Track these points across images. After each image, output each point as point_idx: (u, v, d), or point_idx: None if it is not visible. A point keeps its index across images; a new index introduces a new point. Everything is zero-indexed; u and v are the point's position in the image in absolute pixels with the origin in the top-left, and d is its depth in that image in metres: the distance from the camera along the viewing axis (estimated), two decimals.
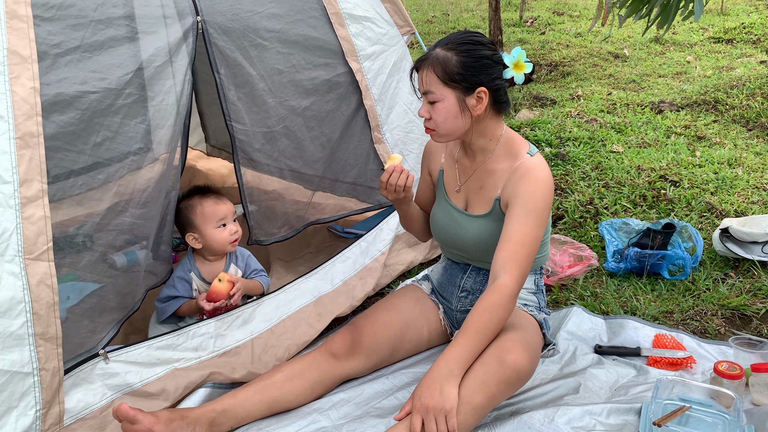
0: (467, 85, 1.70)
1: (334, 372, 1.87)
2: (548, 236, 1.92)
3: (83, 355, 1.67)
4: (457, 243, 1.90)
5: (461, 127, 1.75)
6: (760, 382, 1.76)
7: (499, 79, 1.73)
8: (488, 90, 1.72)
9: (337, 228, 2.76)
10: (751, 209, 2.91)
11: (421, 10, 8.71)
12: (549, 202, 1.74)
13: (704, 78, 4.98)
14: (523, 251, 1.68)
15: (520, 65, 1.74)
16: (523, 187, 1.71)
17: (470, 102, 1.72)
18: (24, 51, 1.52)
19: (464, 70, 1.69)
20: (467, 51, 1.70)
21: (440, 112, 1.72)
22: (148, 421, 1.60)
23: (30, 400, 1.50)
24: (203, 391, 1.85)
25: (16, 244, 1.47)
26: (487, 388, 1.58)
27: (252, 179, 2.18)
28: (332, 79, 2.27)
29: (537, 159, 1.77)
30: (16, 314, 1.47)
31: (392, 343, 1.94)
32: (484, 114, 1.76)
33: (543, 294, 1.98)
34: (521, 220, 1.69)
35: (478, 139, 1.81)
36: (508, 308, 1.65)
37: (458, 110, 1.72)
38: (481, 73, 1.70)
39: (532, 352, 1.71)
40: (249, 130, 2.07)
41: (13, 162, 1.47)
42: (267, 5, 2.09)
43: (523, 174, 1.74)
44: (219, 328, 1.96)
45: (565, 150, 3.65)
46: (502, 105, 1.79)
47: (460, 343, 1.61)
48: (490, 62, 1.72)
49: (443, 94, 1.71)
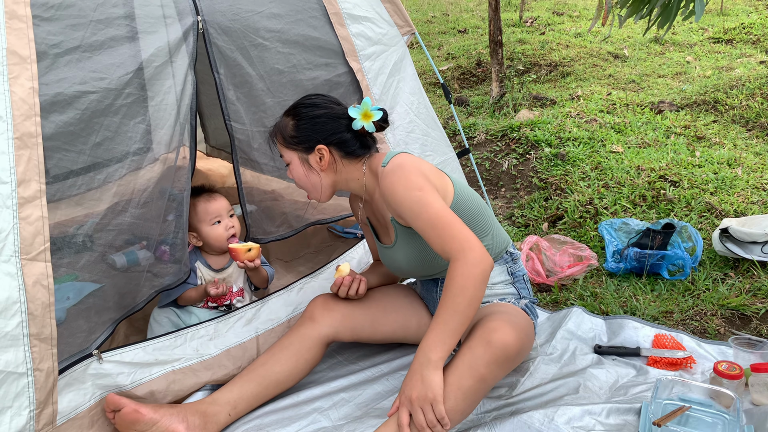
0: (306, 145, 1.79)
1: (313, 333, 1.89)
2: (489, 217, 1.87)
3: (77, 356, 1.67)
4: (403, 272, 1.94)
5: (318, 183, 1.83)
6: (759, 382, 1.76)
7: (339, 133, 1.79)
8: (328, 146, 1.78)
9: (337, 228, 2.76)
10: (750, 209, 2.91)
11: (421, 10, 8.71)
12: (417, 182, 1.67)
13: (704, 78, 4.98)
14: (443, 229, 1.62)
15: (368, 114, 1.79)
16: (391, 198, 1.70)
17: (313, 160, 1.80)
18: (23, 51, 1.52)
19: (298, 133, 1.79)
20: (300, 114, 1.79)
21: (293, 173, 1.84)
22: (134, 403, 1.66)
23: (24, 401, 1.50)
24: (201, 393, 1.85)
25: (13, 245, 1.47)
26: (475, 370, 1.57)
27: (251, 179, 2.18)
28: (333, 79, 2.27)
29: (389, 165, 1.75)
30: (12, 314, 1.47)
31: (372, 313, 1.96)
32: (336, 165, 1.82)
33: (523, 282, 1.93)
34: (415, 217, 1.66)
35: (348, 185, 1.87)
36: (471, 276, 1.56)
37: (304, 170, 1.82)
38: (315, 132, 1.78)
39: (520, 331, 1.68)
40: (248, 130, 2.07)
41: (11, 162, 1.47)
42: (267, 5, 2.09)
43: (383, 188, 1.73)
44: (219, 330, 1.95)
45: (564, 150, 3.65)
46: (355, 152, 1.82)
47: (432, 328, 1.57)
48: (325, 120, 1.78)
49: (289, 157, 1.83)
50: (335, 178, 1.84)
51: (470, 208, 1.81)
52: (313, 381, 1.99)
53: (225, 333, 1.96)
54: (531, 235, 2.80)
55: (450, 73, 6.01)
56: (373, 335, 1.99)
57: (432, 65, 3.24)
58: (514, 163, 3.69)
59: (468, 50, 6.50)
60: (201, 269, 2.07)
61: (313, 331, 1.89)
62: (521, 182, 3.53)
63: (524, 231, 3.09)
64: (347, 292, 1.92)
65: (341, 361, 2.11)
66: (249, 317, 2.02)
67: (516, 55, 6.05)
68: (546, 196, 3.31)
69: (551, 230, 3.05)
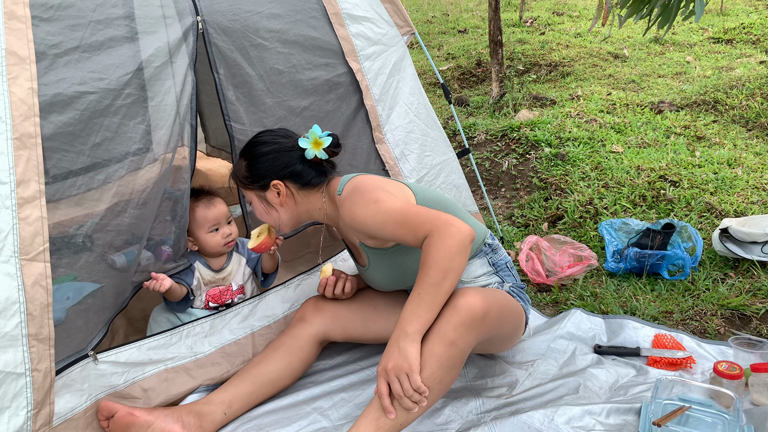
0: (260, 183, 1.80)
1: (304, 333, 1.92)
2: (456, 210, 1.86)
3: (74, 356, 1.67)
4: (387, 288, 1.96)
5: (283, 218, 1.85)
6: (759, 382, 1.76)
7: (293, 166, 1.79)
8: (282, 180, 1.79)
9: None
10: (750, 209, 2.91)
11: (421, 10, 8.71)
12: (369, 196, 1.68)
13: (704, 78, 4.98)
14: (410, 219, 1.61)
15: (317, 142, 1.79)
16: (353, 224, 1.71)
17: (270, 196, 1.82)
18: (22, 51, 1.52)
19: (250, 173, 1.81)
20: (248, 154, 1.82)
21: (256, 211, 1.87)
22: (128, 407, 1.66)
23: (22, 401, 1.50)
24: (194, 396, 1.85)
25: (12, 245, 1.47)
26: (445, 335, 1.55)
27: None
28: (332, 79, 2.27)
29: (344, 192, 1.76)
30: (11, 315, 1.47)
31: (362, 312, 1.98)
32: (294, 198, 1.83)
33: (507, 269, 1.92)
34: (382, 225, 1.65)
35: (311, 215, 1.88)
36: (441, 248, 1.55)
37: (264, 206, 1.84)
38: (266, 169, 1.79)
39: (488, 296, 1.66)
40: (248, 130, 2.07)
41: (10, 163, 1.47)
42: (267, 5, 2.09)
43: (343, 217, 1.74)
44: (215, 327, 1.96)
45: (564, 150, 3.65)
46: (311, 182, 1.82)
47: (408, 303, 1.57)
48: (274, 155, 1.79)
49: (249, 197, 1.86)
50: (297, 210, 1.85)
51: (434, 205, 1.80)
52: (312, 381, 1.99)
53: (220, 330, 1.96)
54: (531, 235, 2.80)
55: (450, 73, 6.01)
56: (365, 334, 2.00)
57: (432, 65, 3.24)
58: (514, 163, 3.69)
59: (468, 50, 6.50)
60: (200, 269, 2.07)
61: (305, 331, 1.92)
62: (521, 182, 3.53)
63: (524, 231, 3.09)
64: (333, 291, 1.95)
65: (341, 361, 2.11)
66: (245, 314, 2.03)
67: (516, 55, 6.05)
68: (546, 196, 3.31)
69: (551, 230, 3.05)
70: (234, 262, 2.13)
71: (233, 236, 2.08)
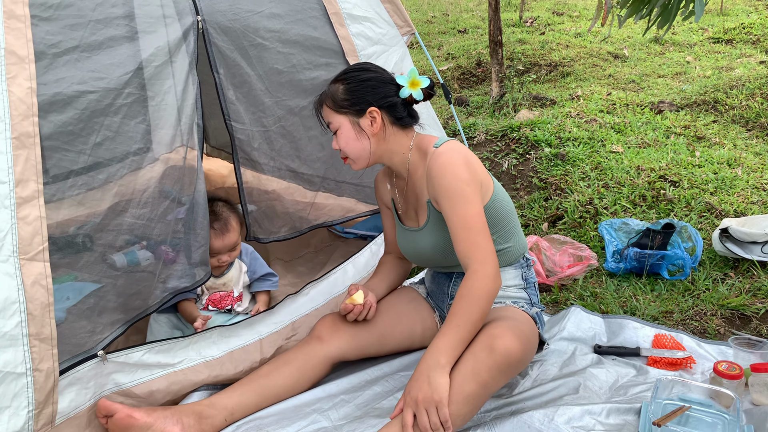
0: (357, 108, 1.79)
1: (319, 353, 1.88)
2: (513, 221, 1.89)
3: (81, 356, 1.66)
4: (422, 259, 1.94)
5: (366, 149, 1.82)
6: (759, 382, 1.76)
7: (390, 97, 1.80)
8: (380, 108, 1.78)
9: (337, 228, 2.76)
10: (750, 209, 2.91)
11: (421, 10, 8.71)
12: (466, 179, 1.71)
13: (704, 78, 4.98)
14: (473, 233, 1.68)
15: (415, 82, 1.81)
16: (436, 181, 1.73)
17: (364, 123, 1.80)
18: (21, 51, 1.52)
19: (349, 95, 1.79)
20: (350, 78, 1.81)
21: (341, 139, 1.82)
22: (127, 408, 1.64)
23: (22, 401, 1.50)
24: (198, 394, 1.85)
25: (11, 245, 1.47)
26: (478, 376, 1.57)
27: (251, 179, 2.18)
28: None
29: (442, 148, 1.77)
30: (11, 314, 1.47)
31: (378, 331, 1.95)
32: (385, 132, 1.82)
33: (534, 288, 1.96)
34: (452, 209, 1.70)
35: (392, 157, 1.87)
36: (488, 289, 1.64)
37: (355, 134, 1.81)
38: (366, 94, 1.79)
39: (524, 339, 1.69)
40: (248, 129, 2.07)
41: (9, 162, 1.47)
42: (267, 5, 2.09)
43: (431, 168, 1.75)
44: (223, 334, 1.95)
45: (564, 150, 3.65)
46: (403, 120, 1.83)
47: (444, 333, 1.61)
48: (375, 83, 1.80)
49: (339, 122, 1.81)
50: (383, 147, 1.83)
51: (503, 209, 1.85)
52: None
53: (228, 337, 1.95)
54: (531, 235, 2.80)
55: (450, 73, 6.01)
56: (379, 351, 1.99)
57: (432, 65, 3.24)
58: (514, 163, 3.69)
59: (468, 50, 6.50)
60: None
61: (320, 351, 1.88)
62: (521, 182, 3.53)
63: (524, 231, 3.09)
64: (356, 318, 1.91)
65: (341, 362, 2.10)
66: (253, 321, 2.02)
67: (516, 55, 6.05)
68: (546, 196, 3.31)
69: (551, 230, 3.05)
70: (235, 269, 2.12)
71: (228, 261, 2.07)
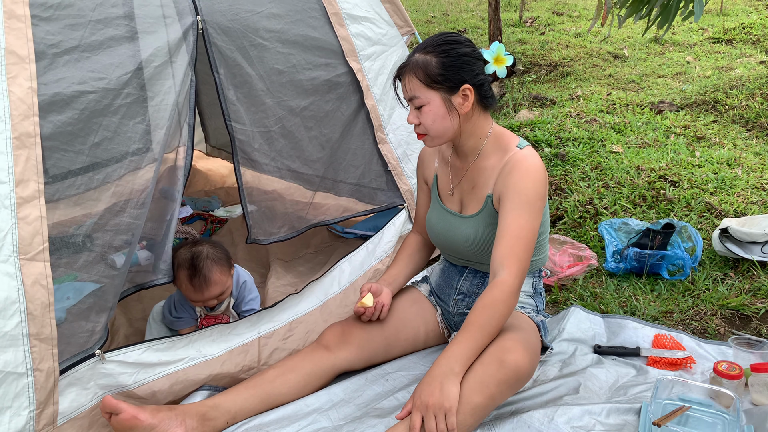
0: (451, 84, 1.70)
1: (326, 363, 1.86)
2: (546, 237, 1.91)
3: (80, 356, 1.66)
4: (452, 245, 1.91)
5: (451, 128, 1.75)
6: (759, 382, 1.76)
7: (481, 74, 1.73)
8: (472, 86, 1.71)
9: (337, 228, 2.75)
10: (750, 209, 2.91)
11: (421, 10, 8.71)
12: (542, 193, 1.72)
13: (704, 78, 4.98)
14: (520, 245, 1.67)
15: (500, 59, 1.74)
16: (514, 180, 1.70)
17: (456, 101, 1.72)
18: (21, 51, 1.52)
19: (445, 70, 1.69)
20: (446, 51, 1.70)
21: (428, 116, 1.72)
22: (132, 408, 1.62)
23: (24, 401, 1.49)
24: (200, 394, 1.85)
25: (11, 244, 1.47)
26: (487, 388, 1.58)
27: (251, 179, 2.18)
28: (332, 79, 2.27)
29: (527, 151, 1.76)
30: (11, 314, 1.46)
31: (385, 339, 1.94)
32: (472, 111, 1.76)
33: (542, 297, 1.97)
34: (514, 213, 1.68)
35: (468, 138, 1.81)
36: (509, 304, 1.65)
37: (445, 111, 1.72)
38: (462, 70, 1.70)
39: (532, 353, 1.70)
40: (248, 130, 2.07)
41: (9, 162, 1.47)
42: (267, 5, 2.09)
43: (512, 167, 1.73)
44: (222, 332, 1.95)
45: (564, 150, 3.65)
46: (488, 100, 1.78)
47: (461, 341, 1.61)
48: (470, 59, 1.71)
49: (428, 97, 1.71)
50: (465, 127, 1.77)
51: (544, 223, 1.86)
52: None
53: (228, 335, 1.95)
54: None
55: None
56: (386, 358, 1.99)
57: None
58: None
59: None
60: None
61: (327, 361, 1.86)
62: None
63: None
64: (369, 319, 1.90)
65: None
66: (253, 320, 2.02)
67: (516, 55, 6.05)
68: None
69: (551, 230, 3.05)
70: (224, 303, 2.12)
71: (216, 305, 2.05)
